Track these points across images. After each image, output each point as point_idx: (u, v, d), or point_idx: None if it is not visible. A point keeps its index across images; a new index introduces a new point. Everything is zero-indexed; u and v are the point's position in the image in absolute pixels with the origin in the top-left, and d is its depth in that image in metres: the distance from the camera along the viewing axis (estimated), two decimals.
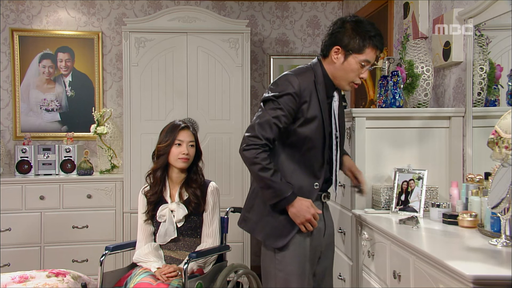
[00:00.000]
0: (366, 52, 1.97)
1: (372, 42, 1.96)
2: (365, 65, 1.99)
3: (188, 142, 2.53)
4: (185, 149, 2.50)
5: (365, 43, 1.95)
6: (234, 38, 3.86)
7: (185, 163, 2.51)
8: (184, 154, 2.49)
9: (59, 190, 3.79)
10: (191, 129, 2.57)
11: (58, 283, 2.40)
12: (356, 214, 2.50)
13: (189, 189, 2.52)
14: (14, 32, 4.12)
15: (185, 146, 2.51)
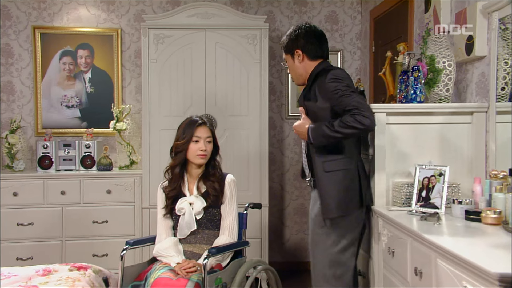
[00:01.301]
0: None
1: None
2: None
3: (206, 138, 2.54)
4: (203, 146, 2.51)
5: None
6: (252, 34, 3.86)
7: (203, 159, 2.53)
8: (202, 151, 2.51)
9: (79, 185, 3.84)
10: (208, 125, 2.58)
11: (80, 276, 2.43)
12: (376, 210, 2.48)
13: (207, 182, 2.53)
14: (36, 30, 4.18)
15: (202, 143, 2.52)
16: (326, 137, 2.26)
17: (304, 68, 2.46)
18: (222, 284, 2.34)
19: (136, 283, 2.45)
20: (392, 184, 2.53)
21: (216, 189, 2.52)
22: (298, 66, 2.47)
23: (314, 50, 2.46)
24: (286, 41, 2.49)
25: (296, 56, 2.46)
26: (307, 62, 2.46)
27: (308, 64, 2.46)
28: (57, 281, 2.33)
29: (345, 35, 4.45)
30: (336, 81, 2.29)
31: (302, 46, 2.44)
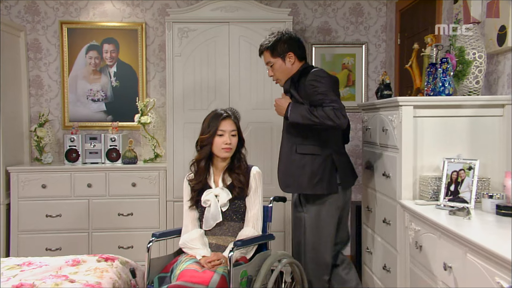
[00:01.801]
0: None
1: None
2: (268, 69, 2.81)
3: (230, 131, 2.54)
4: (227, 139, 2.52)
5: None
6: (276, 27, 3.83)
7: (228, 153, 2.53)
8: (227, 144, 2.51)
9: (105, 178, 3.90)
10: (233, 118, 2.58)
11: (108, 267, 2.46)
12: (403, 204, 2.45)
13: (233, 174, 2.54)
14: (63, 25, 4.24)
15: (227, 136, 2.52)
16: (303, 117, 2.54)
17: (292, 69, 2.73)
18: (248, 276, 2.34)
19: (162, 274, 2.48)
20: (419, 178, 2.50)
21: (242, 182, 2.53)
22: (289, 68, 2.74)
23: (302, 52, 2.76)
24: (276, 45, 2.72)
25: (288, 58, 2.72)
26: (297, 63, 2.74)
27: (296, 65, 2.74)
28: (86, 271, 2.37)
29: (369, 27, 4.39)
30: (316, 81, 2.58)
31: (294, 49, 2.72)
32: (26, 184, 3.80)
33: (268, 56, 2.76)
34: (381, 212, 2.85)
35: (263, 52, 2.80)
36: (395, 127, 2.60)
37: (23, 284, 2.12)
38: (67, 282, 2.20)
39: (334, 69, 4.40)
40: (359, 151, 4.43)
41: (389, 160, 2.71)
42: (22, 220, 3.80)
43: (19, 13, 4.25)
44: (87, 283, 2.20)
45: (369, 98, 4.39)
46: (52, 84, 4.31)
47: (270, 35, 2.80)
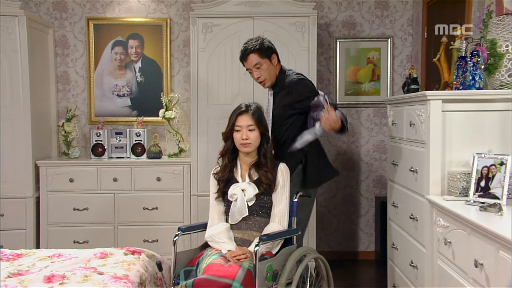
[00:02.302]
0: (244, 65, 2.91)
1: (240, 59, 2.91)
2: (250, 72, 2.90)
3: (247, 126, 2.53)
4: (244, 134, 2.52)
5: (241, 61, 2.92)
6: (300, 21, 3.82)
7: (247, 148, 2.53)
8: (244, 139, 2.51)
9: (130, 172, 3.94)
10: (250, 113, 2.55)
11: (135, 260, 2.50)
12: (431, 200, 2.42)
13: (260, 171, 2.54)
14: (90, 21, 4.30)
15: (244, 131, 2.52)
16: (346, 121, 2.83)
17: (276, 70, 2.89)
18: (273, 271, 2.35)
19: (188, 268, 2.50)
20: (448, 173, 2.46)
21: (269, 178, 2.52)
22: (274, 68, 2.88)
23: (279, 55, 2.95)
24: (263, 46, 2.83)
25: (273, 59, 2.86)
26: (278, 64, 2.91)
27: (278, 66, 2.91)
28: (114, 264, 2.41)
29: (395, 21, 4.32)
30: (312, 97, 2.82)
31: (275, 50, 2.90)
32: (55, 178, 3.88)
33: (256, 57, 2.83)
34: (408, 207, 2.82)
35: (249, 55, 2.84)
36: (422, 122, 2.56)
37: (54, 275, 2.17)
38: (96, 274, 2.23)
39: (358, 64, 4.35)
40: (384, 146, 4.39)
41: (416, 155, 2.67)
42: (51, 213, 3.88)
43: (47, 10, 4.33)
44: (115, 276, 2.23)
45: (394, 93, 4.34)
46: (79, 80, 4.38)
47: (251, 40, 2.88)
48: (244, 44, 2.88)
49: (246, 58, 2.85)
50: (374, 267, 4.23)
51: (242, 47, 2.88)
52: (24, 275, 2.19)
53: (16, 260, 2.43)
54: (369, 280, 3.95)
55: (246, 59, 2.85)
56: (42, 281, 2.12)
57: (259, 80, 2.90)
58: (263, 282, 2.29)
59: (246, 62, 2.87)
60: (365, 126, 4.41)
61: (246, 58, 2.85)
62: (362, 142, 4.43)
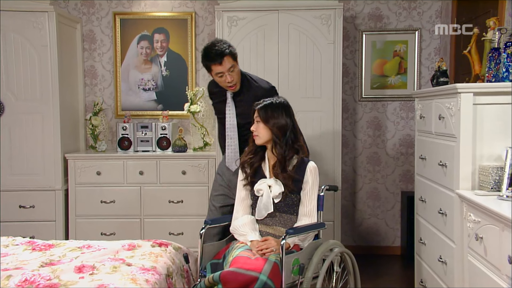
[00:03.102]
0: (212, 68, 2.79)
1: (209, 61, 2.77)
2: (221, 76, 2.78)
3: (255, 118, 2.53)
4: (254, 127, 2.52)
5: (206, 64, 2.81)
6: (326, 14, 3.78)
7: (256, 140, 2.53)
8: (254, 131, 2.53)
9: (156, 166, 3.98)
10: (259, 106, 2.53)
11: (162, 252, 2.52)
12: (461, 195, 2.37)
13: (282, 174, 2.49)
14: (116, 16, 4.35)
15: (255, 124, 2.53)
16: None
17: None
18: (300, 265, 2.34)
19: (215, 261, 2.51)
20: (479, 167, 2.41)
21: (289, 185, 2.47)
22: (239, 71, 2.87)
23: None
24: (233, 50, 2.80)
25: (237, 62, 2.84)
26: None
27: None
28: (141, 255, 2.44)
29: (423, 13, 4.24)
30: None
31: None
32: (82, 171, 3.95)
33: (230, 60, 2.76)
34: (436, 202, 2.77)
35: (224, 58, 2.73)
36: (452, 115, 2.51)
37: (84, 266, 2.21)
38: (125, 265, 2.27)
39: (385, 57, 4.29)
40: (410, 140, 4.33)
41: (446, 149, 2.62)
42: (79, 205, 3.95)
43: (75, 5, 4.39)
44: (143, 267, 2.26)
45: (422, 86, 4.27)
46: (105, 74, 4.44)
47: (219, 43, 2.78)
48: (212, 46, 2.75)
49: (222, 61, 2.72)
50: (400, 262, 4.19)
51: (213, 50, 2.73)
52: (56, 265, 2.23)
53: (48, 250, 2.48)
54: (395, 275, 3.91)
55: (222, 62, 2.72)
56: (73, 271, 2.16)
57: (231, 83, 2.80)
58: (289, 275, 2.29)
59: (220, 65, 2.73)
60: (391, 120, 4.36)
61: (221, 61, 2.72)
62: (388, 136, 4.37)
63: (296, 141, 2.55)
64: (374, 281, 3.71)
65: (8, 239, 2.62)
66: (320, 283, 2.36)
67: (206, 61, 2.79)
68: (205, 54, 2.79)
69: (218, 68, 2.75)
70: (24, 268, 2.18)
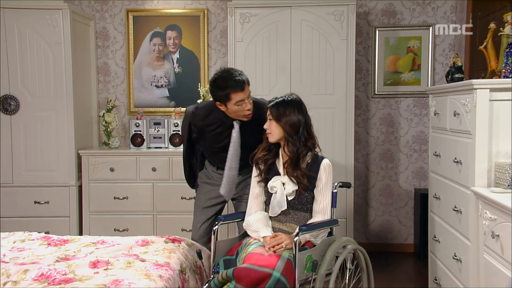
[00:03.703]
0: (232, 97, 2.59)
1: (230, 89, 2.57)
2: (241, 104, 2.61)
3: (269, 118, 2.52)
4: (267, 125, 2.52)
5: (226, 93, 2.58)
6: (339, 10, 3.76)
7: (269, 138, 2.52)
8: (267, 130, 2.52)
9: (168, 162, 4.00)
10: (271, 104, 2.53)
11: (175, 248, 2.53)
12: (476, 192, 2.35)
13: (296, 172, 2.48)
14: (129, 13, 4.37)
15: (268, 122, 2.52)
16: None
17: None
18: (313, 261, 2.34)
19: (228, 257, 2.52)
20: (495, 164, 2.38)
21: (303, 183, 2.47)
22: None
23: None
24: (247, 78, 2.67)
25: None
26: None
27: None
28: (155, 251, 2.45)
29: (438, 8, 4.20)
30: None
31: None
32: (96, 167, 3.98)
33: (248, 86, 2.65)
34: (451, 199, 2.75)
35: (246, 85, 2.62)
36: (468, 112, 2.49)
37: (99, 261, 2.23)
38: (138, 261, 2.28)
39: (398, 53, 4.26)
40: (424, 137, 4.29)
41: (461, 146, 2.60)
42: (92, 202, 3.99)
43: (89, 3, 4.42)
44: (157, 263, 2.27)
45: (436, 82, 4.23)
46: (118, 71, 4.46)
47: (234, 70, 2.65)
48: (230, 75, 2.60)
49: (244, 88, 2.60)
50: (413, 259, 4.16)
51: (234, 77, 2.59)
52: (71, 259, 2.25)
53: (63, 245, 2.51)
54: (409, 273, 3.89)
55: (244, 88, 2.60)
56: (88, 266, 2.18)
57: (250, 111, 2.66)
58: (302, 272, 2.29)
59: (242, 92, 2.59)
60: (404, 117, 4.32)
61: (244, 87, 2.60)
62: (401, 133, 4.34)
63: (309, 138, 2.53)
64: (387, 279, 3.69)
65: (24, 234, 2.65)
66: (333, 280, 2.35)
67: (226, 89, 2.58)
68: (223, 83, 2.60)
69: (240, 95, 2.59)
70: (40, 262, 2.20)
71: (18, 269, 2.10)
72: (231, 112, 2.67)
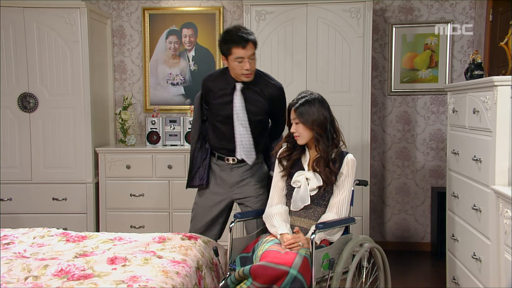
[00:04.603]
0: (233, 51, 2.62)
1: (232, 44, 2.61)
2: (241, 61, 2.63)
3: (293, 119, 2.50)
4: (294, 128, 2.50)
5: (228, 46, 2.63)
6: (355, 7, 3.73)
7: (297, 140, 2.51)
8: (293, 132, 2.51)
9: (184, 160, 4.01)
10: (294, 107, 2.51)
11: (192, 245, 2.54)
12: (497, 190, 2.32)
13: (325, 169, 2.48)
14: (145, 11, 4.39)
15: (294, 126, 2.50)
16: None
17: None
18: (329, 259, 2.33)
19: (244, 254, 2.52)
20: None
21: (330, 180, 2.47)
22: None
23: None
24: (256, 39, 2.72)
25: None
26: None
27: None
28: (172, 248, 2.46)
29: (456, 4, 4.14)
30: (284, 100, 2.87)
31: None
32: (113, 164, 4.01)
33: (253, 47, 2.65)
34: (470, 198, 2.71)
35: (249, 43, 2.62)
36: (488, 109, 2.45)
37: (117, 257, 2.24)
38: (156, 258, 2.29)
39: (415, 50, 4.22)
40: (441, 135, 4.24)
41: (480, 144, 2.56)
42: (109, 199, 4.02)
43: (106, 1, 4.45)
44: (174, 260, 2.28)
45: (454, 80, 4.17)
46: (134, 69, 4.49)
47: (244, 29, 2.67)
48: (236, 30, 2.64)
49: (246, 45, 2.60)
50: (430, 258, 4.12)
51: (238, 33, 2.61)
52: (89, 256, 2.28)
53: (81, 241, 2.53)
54: (426, 272, 3.85)
55: (246, 46, 2.60)
56: (106, 262, 2.20)
57: (248, 71, 2.66)
58: (319, 270, 2.28)
59: (244, 50, 2.60)
60: (421, 115, 4.28)
61: (245, 45, 2.60)
62: (418, 130, 4.29)
63: (335, 134, 2.52)
64: (403, 277, 3.66)
65: (43, 230, 2.69)
66: (350, 279, 2.34)
67: (228, 43, 2.62)
68: (228, 36, 2.63)
69: (240, 52, 2.60)
70: (60, 258, 2.23)
71: (38, 264, 2.13)
72: (231, 69, 2.70)
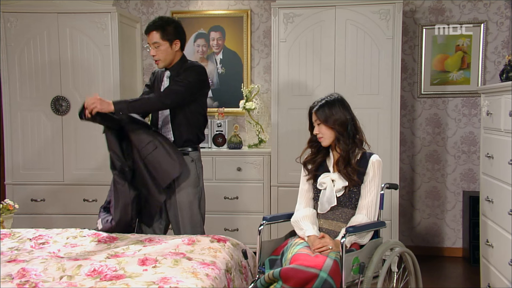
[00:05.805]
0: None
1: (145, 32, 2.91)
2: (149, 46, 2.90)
3: (315, 121, 2.49)
4: (316, 129, 2.49)
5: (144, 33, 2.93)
6: (385, 9, 3.69)
7: (321, 142, 2.49)
8: (317, 135, 2.49)
9: (212, 162, 4.04)
10: (315, 109, 2.50)
11: (221, 248, 2.55)
12: None
13: (347, 168, 2.47)
14: (174, 15, 4.44)
15: (316, 128, 2.49)
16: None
17: (174, 55, 2.90)
18: (360, 263, 2.30)
19: (273, 257, 2.51)
20: None
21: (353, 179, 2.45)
22: (173, 53, 2.89)
23: (184, 43, 2.95)
24: (167, 28, 2.84)
25: (174, 44, 2.88)
26: (179, 52, 2.93)
27: (179, 54, 2.93)
28: (201, 250, 2.47)
29: (490, 4, 4.05)
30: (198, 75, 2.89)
31: (182, 38, 2.92)
32: None
33: (157, 36, 2.84)
34: (506, 203, 2.64)
35: (151, 32, 2.85)
36: None
37: (147, 259, 2.27)
38: (185, 259, 2.30)
39: (446, 52, 4.14)
40: (473, 138, 4.15)
41: None
42: None
43: (135, 5, 4.52)
44: (203, 262, 2.29)
45: (487, 82, 4.08)
46: None
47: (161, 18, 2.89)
48: (156, 18, 2.90)
49: (148, 34, 2.87)
50: (462, 264, 4.03)
51: (152, 21, 2.90)
52: (120, 257, 2.31)
53: (112, 242, 2.57)
54: (458, 278, 3.76)
55: (148, 34, 2.88)
56: (137, 263, 2.23)
57: (154, 58, 2.91)
58: (349, 274, 2.26)
59: (148, 37, 2.89)
60: (452, 117, 4.20)
61: (147, 33, 2.88)
62: (449, 133, 4.21)
63: (357, 133, 2.51)
64: (435, 283, 3.59)
65: (76, 231, 2.74)
66: (381, 283, 2.31)
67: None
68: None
69: (148, 38, 2.89)
70: (92, 258, 2.26)
71: (72, 264, 2.17)
72: None
